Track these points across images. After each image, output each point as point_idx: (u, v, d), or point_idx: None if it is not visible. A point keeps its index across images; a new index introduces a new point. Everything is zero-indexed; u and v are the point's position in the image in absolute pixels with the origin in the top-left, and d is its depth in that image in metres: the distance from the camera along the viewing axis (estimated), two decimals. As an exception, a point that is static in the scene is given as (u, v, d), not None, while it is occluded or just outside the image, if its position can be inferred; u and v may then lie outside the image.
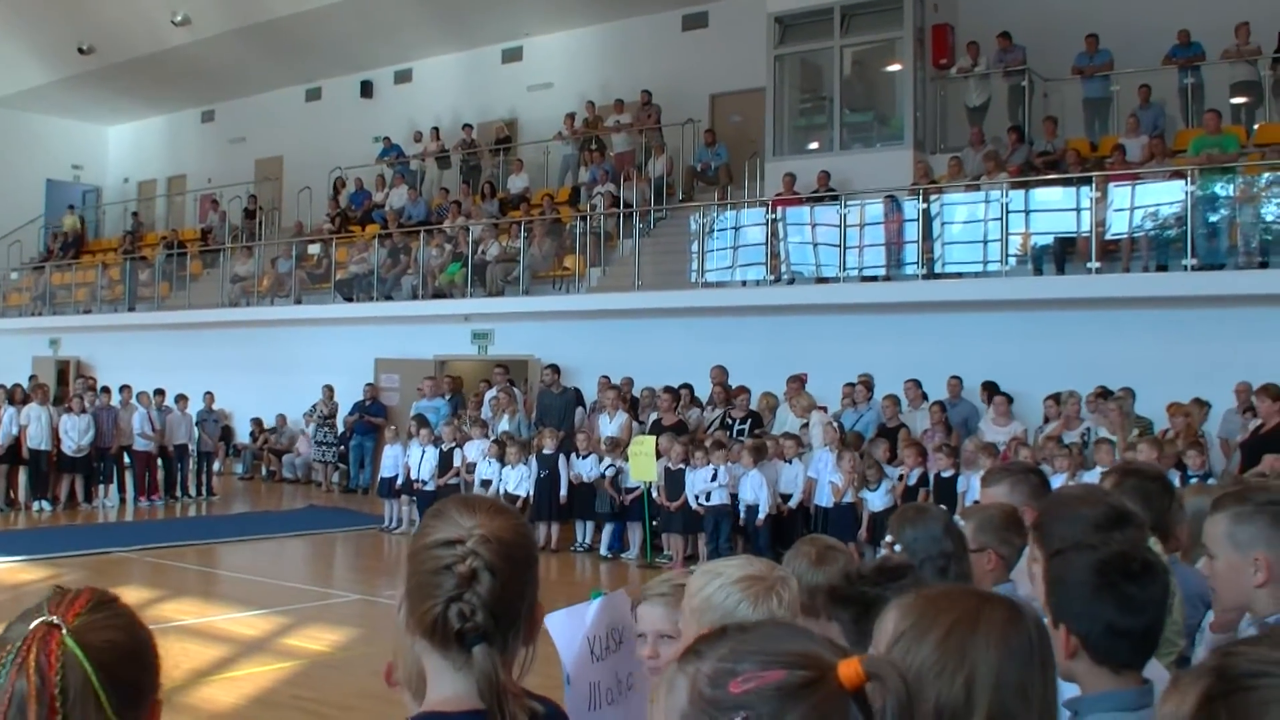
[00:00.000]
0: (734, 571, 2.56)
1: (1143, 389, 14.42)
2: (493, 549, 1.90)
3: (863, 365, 16.50)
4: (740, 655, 1.33)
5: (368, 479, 21.70)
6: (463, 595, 1.87)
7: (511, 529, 1.96)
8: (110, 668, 1.66)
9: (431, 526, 1.96)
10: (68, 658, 1.64)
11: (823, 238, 18.50)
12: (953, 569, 3.53)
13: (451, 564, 1.89)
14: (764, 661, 1.31)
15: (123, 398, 20.80)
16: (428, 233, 23.14)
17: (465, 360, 22.56)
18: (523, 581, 1.95)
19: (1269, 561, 3.01)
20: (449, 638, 1.88)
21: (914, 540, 3.55)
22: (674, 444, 14.99)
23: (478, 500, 2.02)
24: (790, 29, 20.58)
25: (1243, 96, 17.70)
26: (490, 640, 1.88)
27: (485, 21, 24.83)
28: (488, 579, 1.88)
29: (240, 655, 9.94)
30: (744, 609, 2.46)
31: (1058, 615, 2.54)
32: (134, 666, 1.72)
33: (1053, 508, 3.37)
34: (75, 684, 1.63)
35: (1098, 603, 2.50)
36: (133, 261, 28.73)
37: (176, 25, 25.89)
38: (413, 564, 1.94)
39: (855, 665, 1.31)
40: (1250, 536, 3.05)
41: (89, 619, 1.70)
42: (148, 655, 1.76)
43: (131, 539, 16.44)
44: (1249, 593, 3.05)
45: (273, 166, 30.05)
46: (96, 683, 1.64)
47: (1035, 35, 18.98)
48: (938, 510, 3.78)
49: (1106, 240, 16.07)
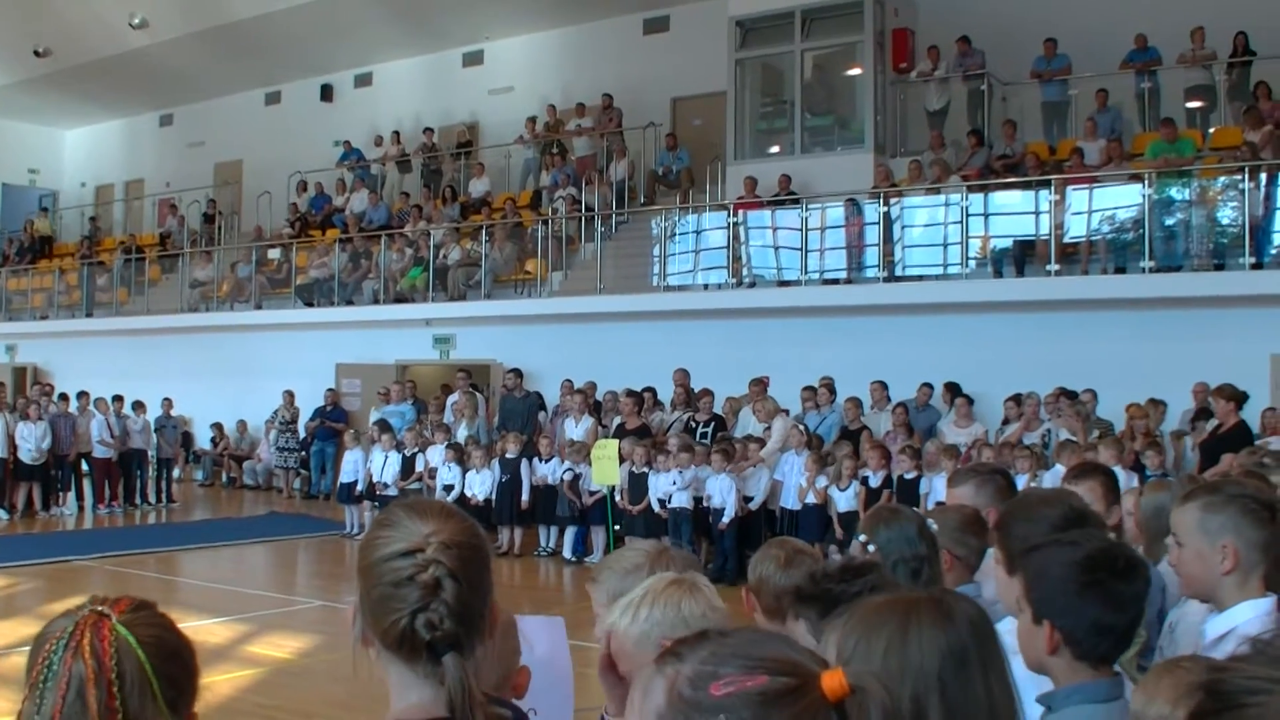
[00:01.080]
0: (655, 585, 2.43)
1: (1103, 390, 14.57)
2: (453, 555, 1.87)
3: (824, 368, 16.55)
4: (722, 659, 1.31)
5: (329, 485, 21.57)
6: (429, 605, 1.84)
7: (466, 531, 1.94)
8: (160, 660, 1.68)
9: (384, 536, 1.91)
10: (120, 644, 1.65)
11: (784, 241, 18.57)
12: (925, 571, 3.54)
13: (414, 574, 1.85)
14: (747, 666, 1.29)
15: (80, 404, 20.60)
16: (389, 237, 23.04)
17: (427, 365, 22.48)
18: (483, 582, 1.93)
19: (1236, 550, 3.09)
20: (417, 648, 1.85)
21: (888, 541, 3.55)
22: (636, 447, 14.98)
23: (425, 504, 1.98)
24: (751, 33, 20.64)
25: (1198, 101, 17.90)
26: (460, 647, 1.86)
27: (446, 25, 24.76)
28: (452, 586, 1.85)
29: (202, 663, 9.79)
30: (689, 606, 2.37)
31: (1040, 612, 2.54)
32: (179, 664, 1.74)
33: (1014, 509, 3.41)
34: (131, 670, 1.65)
35: (1084, 599, 2.52)
36: (90, 267, 28.47)
37: (135, 28, 25.65)
38: (370, 577, 1.89)
39: (839, 676, 1.30)
40: (1220, 525, 3.13)
41: (134, 615, 1.72)
42: (190, 657, 1.78)
43: (90, 547, 16.24)
44: (1214, 580, 3.11)
45: (232, 171, 29.86)
46: (150, 670, 1.65)
47: (994, 40, 19.09)
48: (911, 512, 3.78)
49: (1065, 243, 16.20)
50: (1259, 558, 3.11)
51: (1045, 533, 3.06)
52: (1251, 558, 3.10)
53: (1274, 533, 3.11)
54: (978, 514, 3.94)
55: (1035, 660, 2.57)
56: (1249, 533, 3.11)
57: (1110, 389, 14.51)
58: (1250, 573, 3.11)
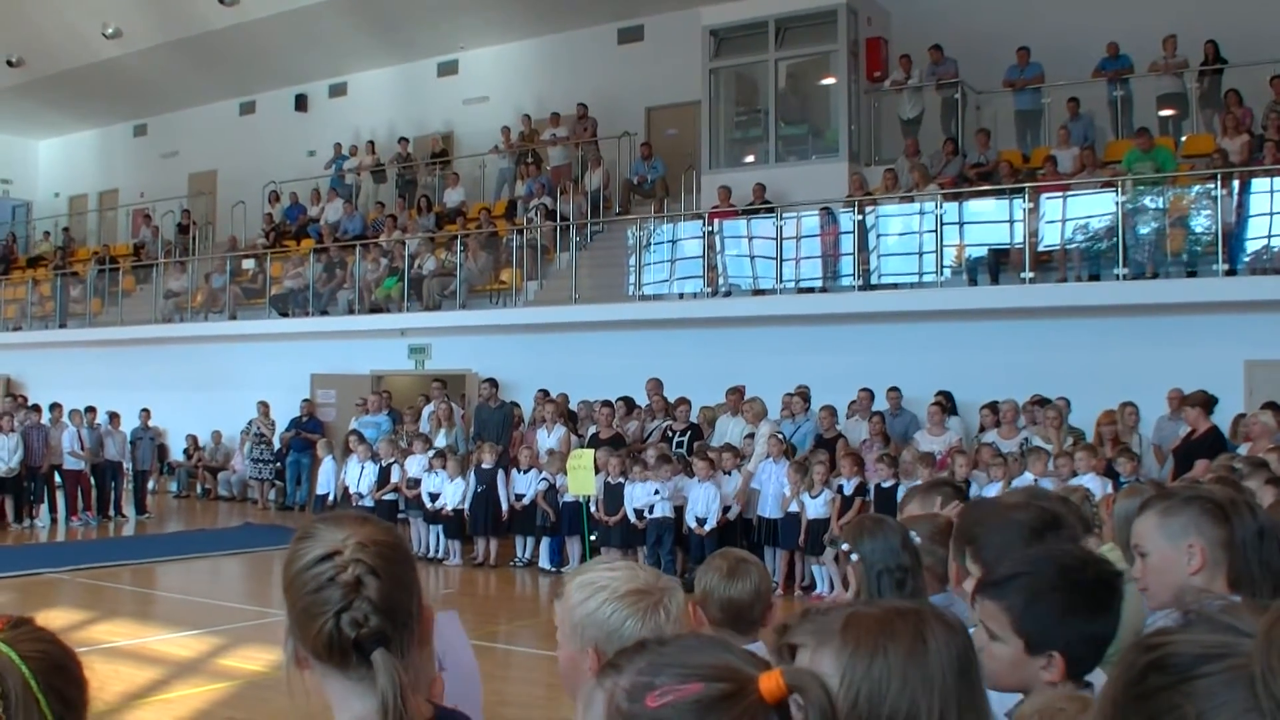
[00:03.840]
0: (619, 585, 2.35)
1: (1078, 396, 14.63)
2: (371, 553, 1.86)
3: (800, 377, 16.56)
4: (657, 668, 1.31)
5: (304, 496, 21.50)
6: (351, 603, 1.83)
7: (383, 531, 1.94)
8: (45, 675, 1.63)
9: (303, 548, 1.91)
10: (2, 661, 1.61)
11: (759, 250, 18.58)
12: (910, 582, 3.52)
13: (334, 575, 1.84)
14: (682, 675, 1.29)
15: (53, 416, 20.50)
16: (364, 247, 22.99)
17: (402, 375, 22.41)
18: (407, 579, 1.92)
19: (1203, 548, 3.09)
20: (346, 650, 1.84)
21: (871, 551, 3.53)
22: (611, 458, 14.95)
23: (342, 514, 1.98)
24: (725, 42, 20.68)
25: (1170, 109, 18.00)
26: (388, 644, 1.84)
27: (420, 35, 24.73)
28: (373, 581, 1.85)
29: (174, 676, 9.80)
30: (630, 626, 2.29)
31: (1043, 644, 2.48)
32: (66, 678, 1.68)
33: (982, 516, 3.35)
34: (15, 688, 1.60)
35: (1075, 615, 2.49)
36: (64, 277, 28.33)
37: (108, 38, 25.55)
38: (293, 591, 1.88)
39: (776, 678, 1.29)
40: (1181, 526, 3.13)
41: (14, 632, 1.67)
42: (77, 670, 1.72)
43: (64, 559, 16.13)
44: (1182, 584, 3.10)
45: (206, 181, 29.75)
46: (36, 686, 1.60)
47: (967, 48, 19.17)
48: (895, 522, 3.77)
49: (1040, 251, 16.27)
50: (1222, 555, 3.11)
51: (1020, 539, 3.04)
52: (1216, 555, 3.11)
53: (1232, 531, 3.11)
54: (950, 523, 3.92)
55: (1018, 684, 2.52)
56: (1210, 531, 3.11)
57: (1085, 396, 14.58)
58: (1215, 572, 3.11)
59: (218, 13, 23.97)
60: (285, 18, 23.80)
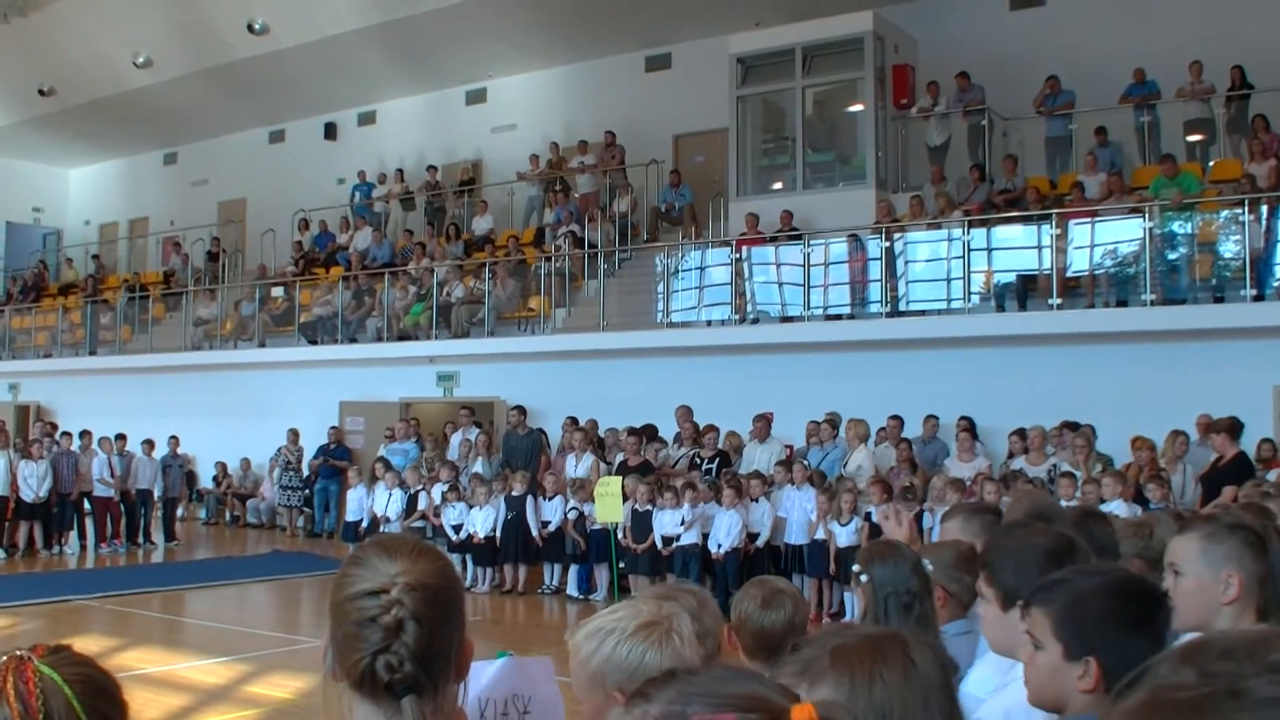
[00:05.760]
0: (626, 624, 2.32)
1: (1106, 422, 14.54)
2: (417, 597, 1.87)
3: (828, 404, 16.53)
4: (688, 698, 1.30)
5: (333, 523, 21.54)
6: (390, 647, 1.84)
7: (435, 572, 1.92)
8: (88, 698, 1.65)
9: (353, 575, 1.91)
10: (46, 684, 1.63)
11: (787, 277, 18.56)
12: (917, 607, 3.53)
13: (376, 615, 1.85)
14: (714, 704, 1.27)
15: (83, 443, 20.59)
16: (392, 275, 23.08)
17: (430, 402, 22.46)
18: (450, 626, 1.92)
19: (1241, 580, 3.10)
20: (378, 689, 1.86)
21: (882, 575, 3.55)
22: (639, 485, 14.93)
23: (398, 542, 1.97)
24: (752, 70, 20.72)
25: (1197, 134, 17.94)
26: (420, 691, 1.86)
27: (449, 63, 24.86)
28: (414, 629, 1.85)
29: (202, 704, 9.82)
30: (651, 659, 2.25)
31: (1078, 648, 2.47)
32: (108, 701, 1.70)
33: (1000, 542, 3.36)
34: (59, 709, 1.62)
35: (1131, 633, 2.47)
36: (94, 305, 28.53)
37: (138, 67, 25.78)
38: (338, 615, 1.90)
39: (809, 710, 1.28)
40: (1223, 555, 3.14)
41: (55, 657, 1.69)
42: (117, 693, 1.74)
43: (93, 586, 16.21)
44: (1214, 610, 3.10)
45: (236, 209, 29.94)
46: (79, 708, 1.62)
47: (993, 75, 19.15)
48: (907, 548, 3.78)
49: (1067, 277, 16.21)
50: (1256, 589, 3.12)
51: (1036, 565, 3.04)
52: (1251, 588, 3.11)
53: (1268, 565, 3.12)
54: (973, 550, 3.92)
55: (1055, 696, 2.53)
56: (1251, 565, 3.12)
57: (1113, 422, 14.49)
58: (1248, 604, 3.11)
59: (247, 42, 24.16)
60: (314, 47, 23.97)
